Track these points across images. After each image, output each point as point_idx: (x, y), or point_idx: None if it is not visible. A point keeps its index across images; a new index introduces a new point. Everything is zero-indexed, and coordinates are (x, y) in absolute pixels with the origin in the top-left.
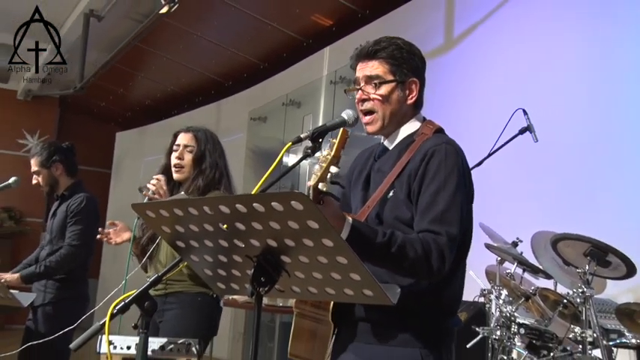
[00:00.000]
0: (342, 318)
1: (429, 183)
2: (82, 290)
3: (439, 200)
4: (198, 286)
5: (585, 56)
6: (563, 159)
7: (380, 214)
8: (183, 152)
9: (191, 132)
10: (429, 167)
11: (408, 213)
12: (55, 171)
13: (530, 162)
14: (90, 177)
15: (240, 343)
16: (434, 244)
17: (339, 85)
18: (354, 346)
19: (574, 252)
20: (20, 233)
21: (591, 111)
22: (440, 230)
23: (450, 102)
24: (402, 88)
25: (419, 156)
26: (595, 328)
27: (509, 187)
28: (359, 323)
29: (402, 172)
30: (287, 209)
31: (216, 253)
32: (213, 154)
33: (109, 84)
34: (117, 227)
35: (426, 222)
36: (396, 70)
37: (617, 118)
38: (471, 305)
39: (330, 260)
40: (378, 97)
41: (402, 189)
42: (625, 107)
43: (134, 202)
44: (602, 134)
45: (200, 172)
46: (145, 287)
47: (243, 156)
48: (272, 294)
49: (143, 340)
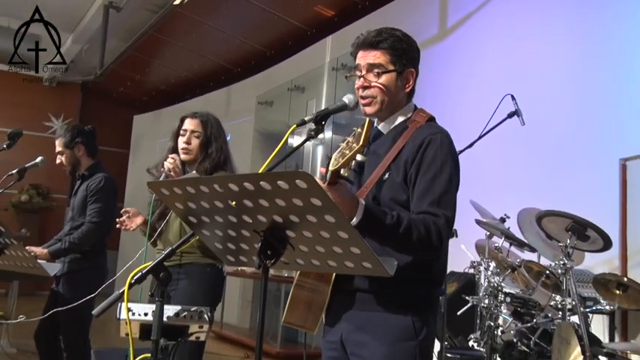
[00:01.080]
0: (340, 289)
1: (427, 169)
2: (100, 261)
3: (436, 185)
4: (207, 257)
5: (570, 47)
6: (547, 141)
7: (377, 195)
8: (191, 137)
9: (198, 118)
10: (426, 154)
11: (404, 195)
12: (78, 152)
13: (518, 144)
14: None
15: (248, 310)
16: (433, 226)
17: (340, 72)
18: (348, 315)
19: (556, 227)
20: (47, 208)
21: (574, 98)
22: (438, 212)
23: (444, 88)
24: (400, 77)
25: (415, 143)
26: (574, 297)
27: (498, 167)
28: (356, 293)
29: (398, 156)
30: (292, 187)
31: (226, 228)
32: (218, 138)
33: (127, 70)
34: (130, 214)
35: (425, 204)
36: (396, 61)
37: (597, 104)
38: (461, 276)
39: (332, 235)
40: (379, 86)
41: (398, 173)
42: (604, 95)
43: (149, 181)
44: (583, 119)
45: (207, 155)
46: (160, 259)
47: (251, 137)
48: (278, 266)
49: (159, 308)
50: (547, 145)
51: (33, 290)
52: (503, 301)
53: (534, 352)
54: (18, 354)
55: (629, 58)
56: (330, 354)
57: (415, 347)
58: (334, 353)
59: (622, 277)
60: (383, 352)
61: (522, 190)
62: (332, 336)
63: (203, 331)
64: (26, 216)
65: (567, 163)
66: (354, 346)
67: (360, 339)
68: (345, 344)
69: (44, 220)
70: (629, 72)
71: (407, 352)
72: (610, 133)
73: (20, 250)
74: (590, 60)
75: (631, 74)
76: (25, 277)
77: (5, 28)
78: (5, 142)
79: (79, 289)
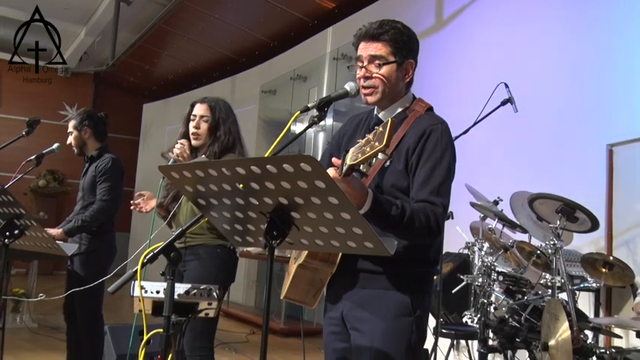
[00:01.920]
0: (343, 270)
1: (427, 158)
2: (110, 241)
3: (436, 174)
4: (217, 238)
5: (560, 37)
6: (538, 128)
7: (379, 183)
8: (200, 122)
9: (206, 103)
10: (427, 145)
11: (405, 182)
12: (84, 134)
13: (511, 130)
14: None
15: (253, 290)
16: (432, 214)
17: (340, 61)
18: (349, 293)
19: (547, 209)
20: (63, 193)
21: (563, 87)
22: (437, 201)
23: (440, 77)
24: (400, 68)
25: (416, 132)
26: (563, 275)
27: (492, 152)
28: (359, 273)
29: (399, 145)
30: (297, 170)
31: (234, 209)
32: (226, 122)
33: (137, 61)
34: (144, 197)
35: (425, 193)
36: (396, 52)
37: (585, 93)
38: (456, 256)
39: (335, 216)
40: (380, 76)
41: (399, 160)
42: (592, 84)
43: (160, 165)
44: (573, 107)
45: (215, 139)
46: (170, 240)
47: (256, 125)
48: (283, 246)
49: (170, 286)
50: (539, 132)
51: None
52: (495, 280)
53: (525, 327)
54: (39, 329)
55: (617, 48)
56: (331, 329)
57: (412, 322)
58: (335, 329)
59: (608, 257)
60: (381, 326)
61: (515, 174)
62: (333, 312)
63: (212, 308)
64: (44, 200)
65: (557, 148)
66: (355, 321)
67: (360, 315)
68: (345, 320)
69: (60, 203)
70: (616, 62)
71: (404, 327)
72: (598, 120)
73: (39, 231)
74: (578, 50)
75: (618, 64)
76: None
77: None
78: (24, 130)
79: (91, 268)
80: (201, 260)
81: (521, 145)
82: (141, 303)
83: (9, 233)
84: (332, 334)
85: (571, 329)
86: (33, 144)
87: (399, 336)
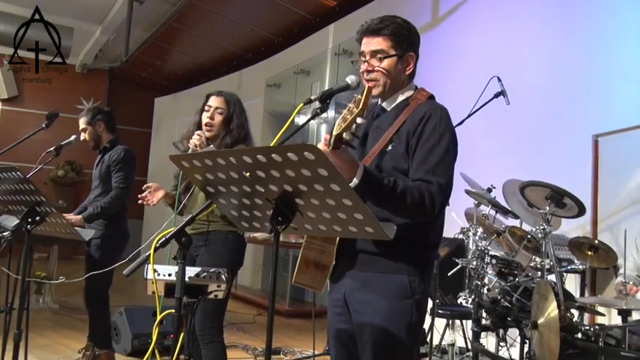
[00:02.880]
0: (344, 251)
1: (426, 140)
2: (123, 227)
3: (433, 155)
4: (228, 225)
5: (549, 34)
6: (529, 120)
7: (380, 164)
8: (214, 113)
9: (222, 96)
10: (427, 127)
11: (405, 164)
12: (99, 128)
13: (503, 122)
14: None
15: (259, 273)
16: (427, 192)
17: (342, 57)
18: (351, 273)
19: (537, 196)
20: (80, 182)
21: (553, 81)
22: (432, 180)
23: (437, 71)
24: (401, 61)
25: (416, 116)
26: (552, 258)
27: (486, 142)
28: (358, 254)
29: (400, 129)
30: (301, 159)
31: (241, 196)
32: (240, 116)
33: (149, 57)
34: (151, 189)
35: (421, 172)
36: (397, 46)
37: (573, 86)
38: (452, 241)
39: (337, 202)
40: (382, 70)
41: (400, 143)
42: (579, 78)
43: (171, 154)
44: (561, 100)
45: (228, 131)
46: (181, 226)
47: (261, 117)
48: (288, 231)
49: (181, 269)
50: (529, 124)
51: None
52: (489, 263)
53: (516, 307)
54: (60, 309)
55: (602, 46)
56: (335, 310)
57: (412, 304)
58: (339, 310)
59: (593, 240)
60: (382, 308)
61: (507, 164)
62: (336, 294)
63: (221, 290)
64: (62, 189)
65: (547, 139)
66: (356, 303)
67: (361, 297)
68: (347, 301)
69: (78, 192)
70: (601, 58)
71: (404, 309)
72: (584, 113)
73: (59, 217)
74: (566, 46)
75: (603, 60)
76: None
77: None
78: (44, 122)
79: (105, 252)
80: (212, 246)
81: (513, 136)
82: (154, 285)
83: (31, 219)
84: (336, 315)
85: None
86: (52, 136)
87: (399, 317)
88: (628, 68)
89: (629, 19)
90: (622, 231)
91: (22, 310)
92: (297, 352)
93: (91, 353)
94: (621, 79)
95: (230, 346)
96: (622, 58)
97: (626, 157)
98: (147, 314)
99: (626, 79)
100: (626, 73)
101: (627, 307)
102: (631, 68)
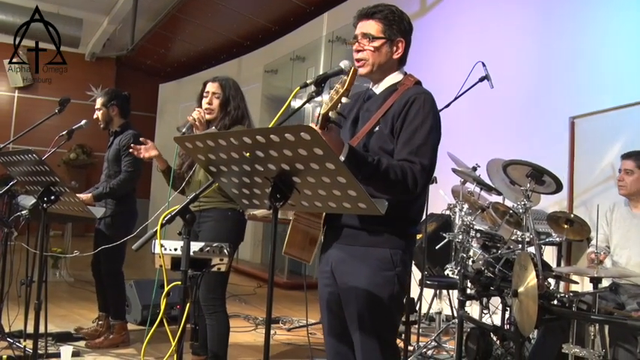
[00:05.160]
0: (330, 225)
1: (410, 123)
2: (132, 206)
3: (417, 137)
4: (228, 202)
5: (530, 22)
6: (511, 102)
7: (367, 144)
8: (212, 98)
9: (217, 81)
10: (411, 110)
11: (391, 145)
12: (112, 111)
13: (487, 104)
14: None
15: (259, 248)
16: (409, 171)
17: (335, 43)
18: (337, 246)
19: (519, 174)
20: (91, 165)
21: (533, 66)
22: (415, 160)
23: (425, 57)
24: (390, 44)
25: (402, 100)
26: (531, 231)
27: (471, 123)
28: (343, 229)
29: (387, 112)
30: (297, 139)
31: (241, 175)
32: (235, 98)
33: (154, 46)
34: (147, 145)
35: (405, 153)
36: (387, 30)
37: (551, 70)
38: (440, 217)
39: (332, 180)
40: (370, 49)
41: (386, 125)
42: (557, 62)
43: (175, 136)
44: (540, 83)
45: (226, 113)
46: (186, 203)
47: (259, 101)
48: (286, 208)
49: (186, 244)
50: (511, 106)
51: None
52: (474, 237)
53: (498, 277)
54: (75, 282)
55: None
56: (324, 281)
57: (393, 276)
58: (327, 281)
59: (569, 214)
60: (366, 280)
61: (491, 144)
62: (324, 266)
63: (223, 263)
64: (75, 171)
65: (528, 120)
66: (342, 275)
67: (346, 269)
68: (334, 273)
69: (89, 174)
70: (578, 44)
71: (386, 280)
72: (562, 96)
73: (72, 196)
74: (546, 33)
75: (580, 46)
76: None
77: (54, 15)
78: (56, 108)
79: (116, 229)
80: (214, 222)
81: (496, 118)
82: (161, 259)
83: (46, 199)
84: (325, 286)
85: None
86: (64, 121)
87: (381, 288)
88: (603, 55)
89: (607, 5)
90: (595, 206)
91: (41, 282)
92: (295, 320)
93: (104, 323)
94: (597, 65)
95: (232, 316)
96: (598, 45)
97: (600, 138)
98: (155, 287)
99: (601, 65)
100: (601, 59)
101: (598, 275)
102: (606, 54)
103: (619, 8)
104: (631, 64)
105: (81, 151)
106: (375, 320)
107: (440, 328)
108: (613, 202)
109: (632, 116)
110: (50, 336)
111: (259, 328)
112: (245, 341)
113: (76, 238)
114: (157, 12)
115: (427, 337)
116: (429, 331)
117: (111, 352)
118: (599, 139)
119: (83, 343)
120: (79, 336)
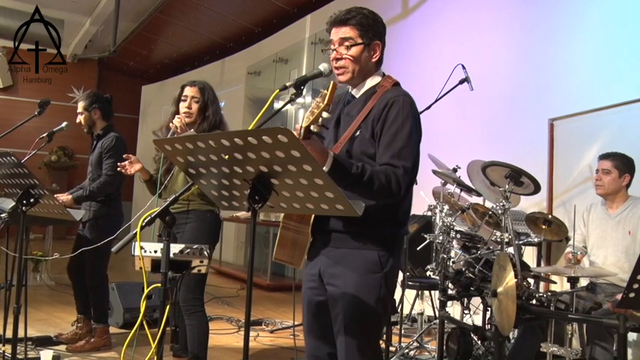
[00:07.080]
0: (318, 230)
1: (389, 126)
2: (117, 208)
3: (397, 140)
4: (206, 204)
5: (510, 26)
6: (491, 105)
7: (349, 149)
8: (191, 102)
9: (196, 85)
10: (390, 114)
11: (372, 149)
12: (94, 115)
13: (468, 106)
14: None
15: (242, 250)
16: (393, 175)
17: (318, 46)
18: (325, 251)
19: (498, 175)
20: (73, 167)
21: (512, 69)
22: (397, 164)
23: (406, 59)
24: (367, 48)
25: (381, 104)
26: (510, 232)
27: (451, 125)
28: (332, 233)
29: (367, 116)
30: (275, 141)
31: (220, 177)
32: (214, 103)
33: (136, 47)
34: (131, 160)
35: (387, 157)
36: (363, 35)
37: (530, 73)
38: (421, 218)
39: (310, 181)
40: (349, 57)
41: (367, 130)
42: (536, 66)
43: (155, 139)
44: (519, 86)
45: (205, 117)
46: (165, 205)
47: (242, 103)
48: (265, 209)
49: (166, 246)
50: (491, 108)
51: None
52: (454, 238)
53: (478, 277)
54: (56, 286)
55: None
56: (309, 285)
57: (381, 278)
58: (313, 284)
59: (547, 215)
60: (353, 282)
61: (471, 145)
62: (312, 269)
63: (203, 265)
64: (56, 173)
65: (507, 122)
66: (330, 277)
67: (334, 271)
68: (322, 276)
69: (71, 176)
70: (556, 47)
71: (373, 282)
72: (541, 98)
73: (52, 199)
74: (525, 37)
75: (558, 49)
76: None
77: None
78: (36, 110)
79: (100, 232)
80: (192, 224)
81: (476, 120)
82: (141, 261)
83: (26, 201)
84: (310, 289)
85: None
86: (45, 123)
87: (369, 290)
88: (581, 58)
89: (585, 8)
90: (573, 207)
91: (21, 286)
92: (278, 322)
93: (83, 325)
94: (574, 69)
95: (215, 318)
96: (576, 48)
97: (578, 140)
98: (137, 289)
99: (580, 68)
100: (579, 63)
101: (575, 275)
102: (584, 58)
103: (595, 12)
104: (608, 67)
105: (62, 153)
106: (360, 321)
107: (422, 328)
108: (590, 203)
109: (610, 119)
110: (30, 340)
111: (242, 330)
112: (227, 343)
113: (57, 240)
114: (140, 13)
115: (409, 337)
116: (412, 331)
117: (92, 355)
118: (578, 141)
119: (64, 347)
120: (60, 341)
